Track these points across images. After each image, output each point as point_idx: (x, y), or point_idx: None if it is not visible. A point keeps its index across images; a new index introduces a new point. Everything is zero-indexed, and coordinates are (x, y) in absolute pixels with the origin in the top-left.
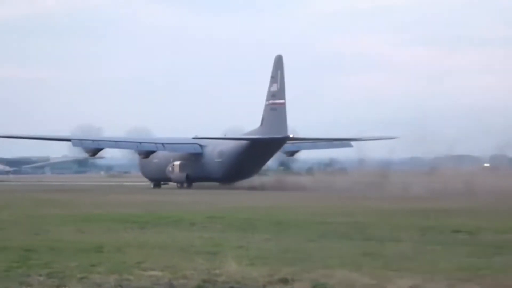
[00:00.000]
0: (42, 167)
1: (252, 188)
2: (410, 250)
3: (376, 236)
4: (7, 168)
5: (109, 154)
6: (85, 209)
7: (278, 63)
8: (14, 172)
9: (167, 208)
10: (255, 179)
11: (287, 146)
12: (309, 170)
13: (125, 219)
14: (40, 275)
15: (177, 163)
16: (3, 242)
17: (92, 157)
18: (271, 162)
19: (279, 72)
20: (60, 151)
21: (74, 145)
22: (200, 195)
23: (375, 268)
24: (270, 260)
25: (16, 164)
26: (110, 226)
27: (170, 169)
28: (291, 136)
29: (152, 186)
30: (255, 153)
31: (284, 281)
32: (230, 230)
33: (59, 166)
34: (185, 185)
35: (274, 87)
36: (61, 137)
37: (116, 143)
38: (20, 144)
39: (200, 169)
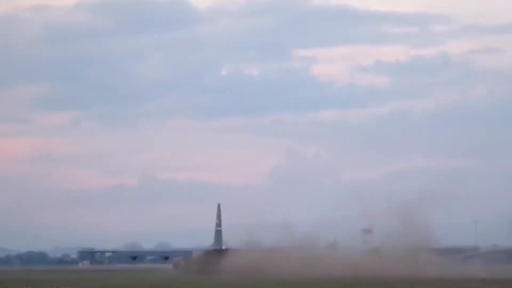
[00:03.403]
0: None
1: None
2: None
3: None
4: None
5: None
6: None
7: (219, 209)
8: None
9: None
10: None
11: None
12: None
13: None
14: None
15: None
16: None
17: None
18: None
19: (219, 213)
20: None
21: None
22: None
23: None
24: None
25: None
26: None
27: (182, 262)
28: (224, 248)
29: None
30: (211, 256)
31: None
32: None
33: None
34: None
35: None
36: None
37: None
38: None
39: (188, 263)
